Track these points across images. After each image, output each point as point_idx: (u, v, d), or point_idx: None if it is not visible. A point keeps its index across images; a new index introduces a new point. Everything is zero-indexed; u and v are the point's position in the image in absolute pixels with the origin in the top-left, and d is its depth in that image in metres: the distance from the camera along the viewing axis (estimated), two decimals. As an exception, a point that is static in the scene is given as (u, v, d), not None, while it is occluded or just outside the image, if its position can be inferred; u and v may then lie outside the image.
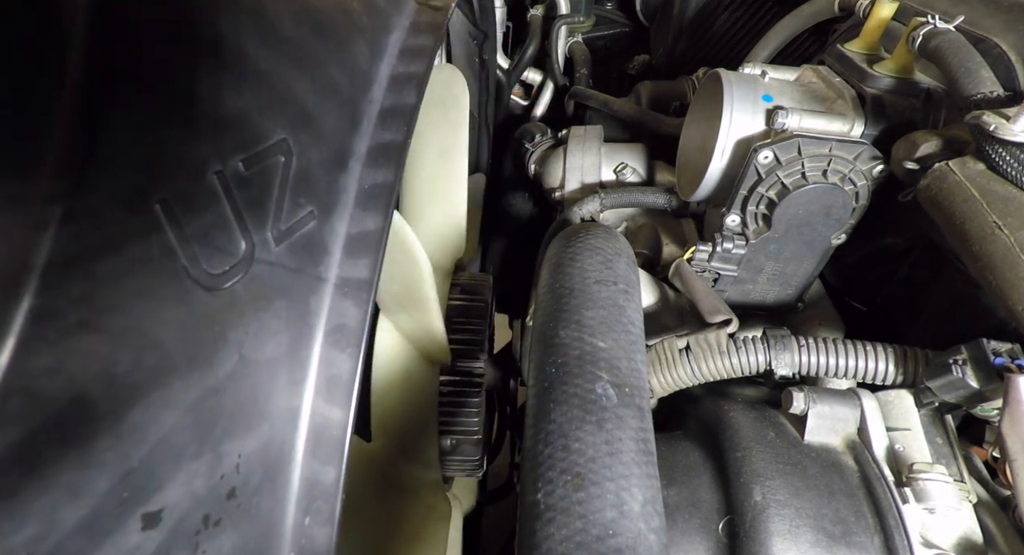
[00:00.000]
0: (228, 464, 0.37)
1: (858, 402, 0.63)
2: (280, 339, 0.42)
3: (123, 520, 0.31)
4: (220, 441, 0.37)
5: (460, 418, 0.72)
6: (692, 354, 0.70)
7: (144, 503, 0.32)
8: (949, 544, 0.55)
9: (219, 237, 0.37)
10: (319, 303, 0.46)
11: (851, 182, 0.70)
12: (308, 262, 0.45)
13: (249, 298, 0.39)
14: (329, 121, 0.48)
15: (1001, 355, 0.55)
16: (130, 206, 0.31)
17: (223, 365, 0.37)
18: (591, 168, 1.07)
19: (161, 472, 0.33)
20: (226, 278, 0.37)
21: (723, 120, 0.72)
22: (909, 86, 0.70)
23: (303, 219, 0.44)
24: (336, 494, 0.44)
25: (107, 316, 0.30)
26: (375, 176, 0.51)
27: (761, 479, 0.58)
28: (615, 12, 1.67)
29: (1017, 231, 0.50)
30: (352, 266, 0.48)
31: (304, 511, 0.43)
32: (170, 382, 0.33)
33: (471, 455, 0.76)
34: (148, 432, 0.32)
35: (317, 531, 0.43)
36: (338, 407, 0.45)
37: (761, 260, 0.79)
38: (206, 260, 0.35)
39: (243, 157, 0.38)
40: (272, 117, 0.41)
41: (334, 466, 0.44)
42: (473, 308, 0.77)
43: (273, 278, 0.42)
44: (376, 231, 0.50)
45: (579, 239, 0.65)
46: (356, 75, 0.52)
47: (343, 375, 0.46)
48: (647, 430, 0.48)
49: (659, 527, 0.42)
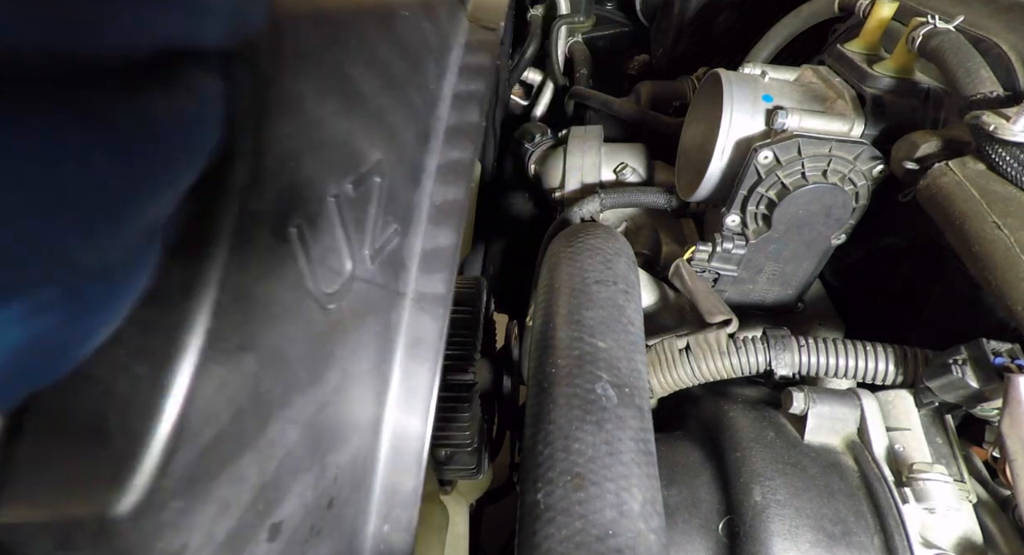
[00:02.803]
0: (329, 476, 0.39)
1: (858, 402, 0.63)
2: (369, 353, 0.44)
3: (256, 531, 0.32)
4: (326, 454, 0.38)
5: (453, 432, 0.72)
6: (692, 354, 0.70)
7: (271, 515, 0.33)
8: (949, 544, 0.55)
9: (333, 258, 0.38)
10: (399, 318, 0.48)
11: (851, 182, 0.69)
12: (392, 278, 0.47)
13: (350, 315, 0.40)
14: (408, 139, 0.49)
15: (1001, 355, 0.55)
16: (275, 231, 0.32)
17: (331, 381, 0.38)
18: (591, 168, 1.07)
19: (285, 485, 0.34)
20: (337, 297, 0.38)
21: (723, 120, 0.72)
22: (909, 86, 0.70)
23: (389, 237, 0.46)
24: (414, 502, 0.45)
25: (257, 336, 0.31)
26: (445, 192, 0.53)
27: (761, 479, 0.58)
28: (615, 12, 1.67)
29: (1017, 231, 0.50)
30: (428, 281, 0.50)
31: (384, 519, 0.44)
32: (295, 398, 0.35)
33: (467, 464, 0.76)
34: (279, 447, 0.33)
35: (395, 538, 0.44)
36: (417, 418, 0.47)
37: (761, 260, 0.79)
38: (323, 280, 0.37)
39: (352, 179, 0.39)
40: (371, 138, 0.42)
41: (412, 475, 0.45)
42: (461, 320, 0.76)
43: (368, 295, 0.43)
44: (449, 246, 0.51)
45: (579, 239, 0.65)
46: (427, 93, 0.53)
47: (420, 387, 0.47)
48: (647, 430, 0.48)
49: (659, 527, 0.42)
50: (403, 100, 0.48)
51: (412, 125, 0.50)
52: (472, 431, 0.73)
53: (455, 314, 0.76)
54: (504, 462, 0.94)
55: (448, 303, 0.50)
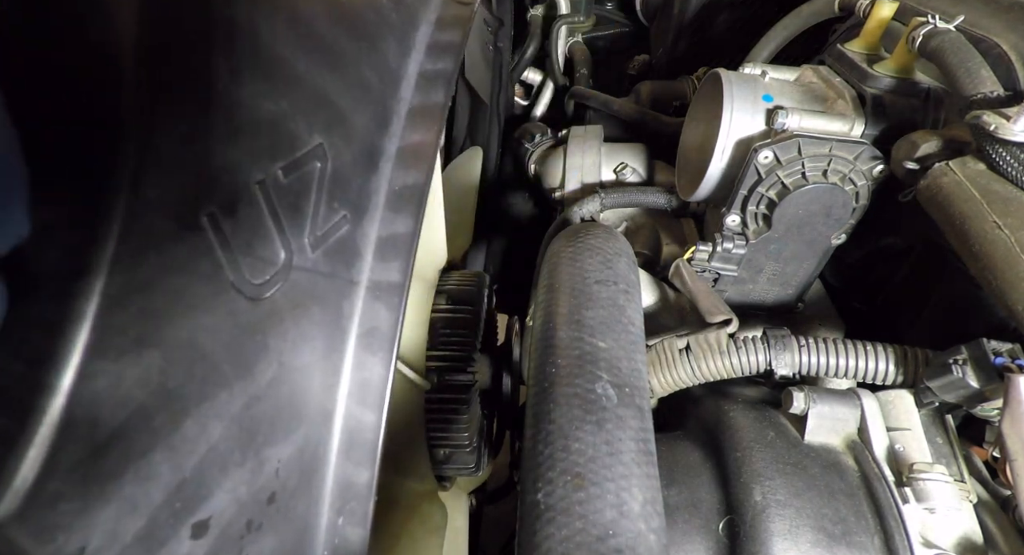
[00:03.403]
0: (269, 470, 0.38)
1: (858, 402, 0.63)
2: (315, 344, 0.43)
3: (176, 529, 0.31)
4: (261, 448, 0.37)
5: (451, 432, 0.72)
6: (692, 354, 0.70)
7: (194, 512, 0.32)
8: (949, 544, 0.55)
9: (261, 247, 0.37)
10: (351, 307, 0.46)
11: (851, 182, 0.69)
12: (341, 267, 0.45)
13: (288, 306, 0.39)
14: (360, 122, 0.47)
15: (1001, 355, 0.55)
16: (181, 219, 0.31)
17: (264, 373, 0.37)
18: (591, 168, 1.07)
19: (210, 481, 0.33)
20: (267, 287, 0.37)
21: (723, 120, 0.72)
22: (909, 86, 0.70)
23: (337, 223, 0.44)
24: (369, 496, 0.44)
25: (161, 330, 0.30)
26: (405, 177, 0.51)
27: (761, 479, 0.58)
28: (615, 12, 1.67)
29: (1017, 231, 0.50)
30: (384, 269, 0.48)
31: (338, 512, 0.43)
32: (217, 392, 0.34)
33: (466, 463, 0.76)
34: (199, 443, 0.32)
35: (350, 531, 0.44)
36: (370, 410, 0.45)
37: (761, 260, 0.79)
38: (249, 270, 0.35)
39: (282, 164, 0.38)
40: (308, 121, 0.40)
41: (367, 468, 0.45)
42: (459, 319, 0.75)
43: (310, 284, 0.42)
44: (407, 234, 0.49)
45: (579, 239, 0.65)
46: (385, 73, 0.51)
47: (375, 378, 0.46)
48: (647, 430, 0.48)
49: (659, 527, 0.42)
50: (353, 81, 0.46)
51: (366, 107, 0.48)
52: (471, 431, 0.73)
53: (454, 313, 0.75)
54: (504, 462, 0.94)
55: (405, 291, 0.48)
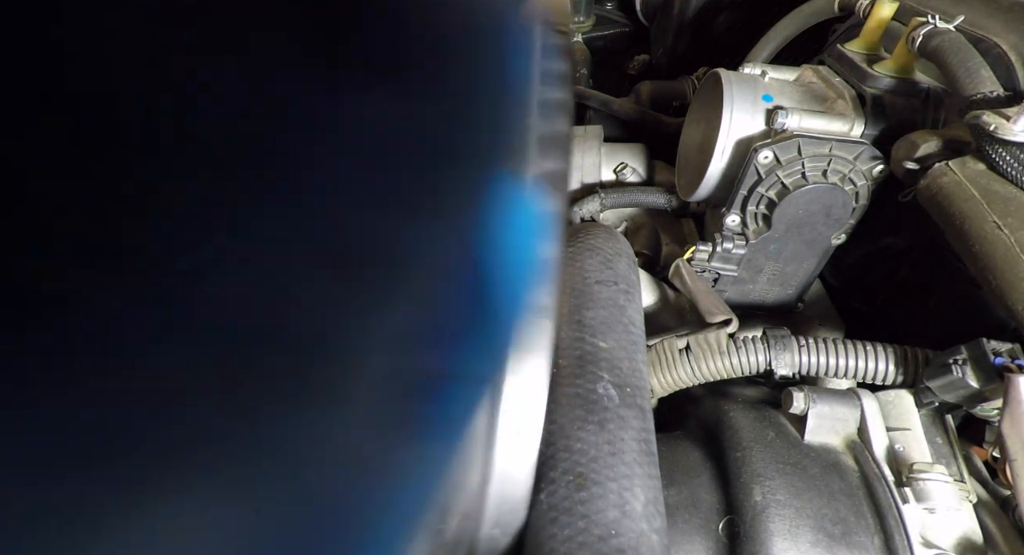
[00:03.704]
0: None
1: (858, 402, 0.63)
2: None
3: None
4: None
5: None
6: (692, 354, 0.70)
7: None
8: (949, 544, 0.55)
9: None
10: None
11: (851, 182, 0.70)
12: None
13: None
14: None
15: (1001, 355, 0.55)
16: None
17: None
18: (591, 168, 1.07)
19: None
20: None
21: (723, 120, 0.72)
22: (909, 86, 0.70)
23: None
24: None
25: None
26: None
27: (761, 479, 0.58)
28: (615, 12, 1.67)
29: (1017, 231, 0.50)
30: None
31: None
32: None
33: None
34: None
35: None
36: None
37: (761, 260, 0.79)
38: None
39: None
40: None
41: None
42: None
43: None
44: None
45: (579, 239, 0.65)
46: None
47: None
48: (649, 430, 0.48)
49: (661, 527, 0.42)
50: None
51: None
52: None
53: None
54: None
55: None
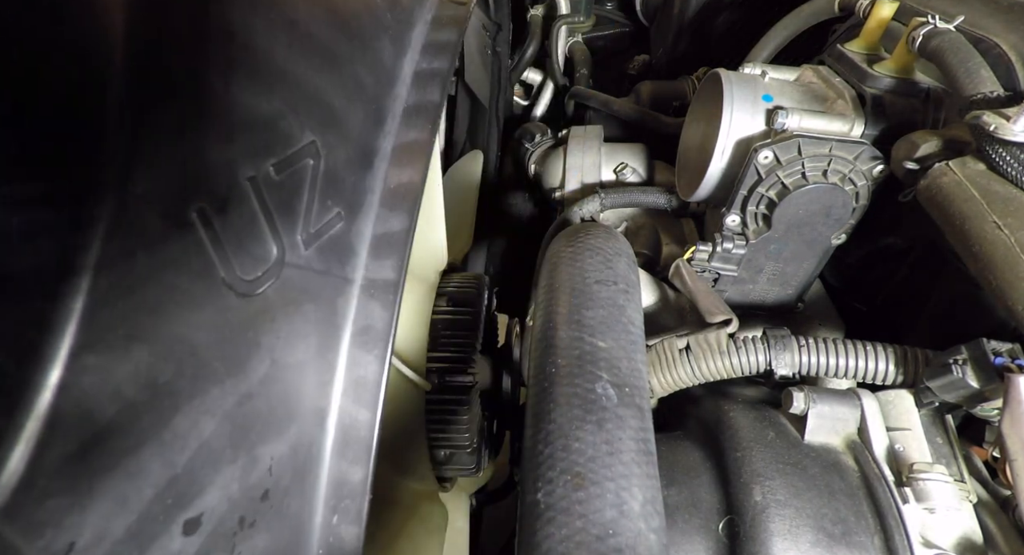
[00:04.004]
0: (262, 467, 0.38)
1: (858, 402, 0.63)
2: (309, 342, 0.43)
3: (167, 526, 0.31)
4: (254, 445, 0.37)
5: (451, 433, 0.72)
6: (692, 354, 0.70)
7: (186, 508, 0.32)
8: (949, 544, 0.55)
9: (252, 243, 0.37)
10: (346, 305, 0.46)
11: (851, 182, 0.69)
12: (335, 264, 0.45)
13: (280, 303, 0.39)
14: (355, 120, 0.47)
15: (1001, 355, 0.55)
16: (170, 214, 0.31)
17: (256, 370, 0.37)
18: (591, 168, 1.07)
19: (201, 477, 0.33)
20: (259, 284, 0.37)
21: (723, 120, 0.72)
22: (909, 86, 0.70)
23: (330, 221, 0.44)
24: (364, 493, 0.44)
25: (151, 327, 0.30)
26: (400, 175, 0.51)
27: (761, 479, 0.58)
28: (615, 12, 1.67)
29: (1017, 231, 0.50)
30: (378, 267, 0.48)
31: (332, 509, 0.43)
32: (209, 388, 0.34)
33: (467, 464, 0.76)
34: (189, 439, 0.32)
35: (345, 529, 0.44)
36: (365, 407, 0.45)
37: (761, 260, 0.79)
38: (240, 266, 0.36)
39: (274, 161, 0.38)
40: (301, 119, 0.41)
41: (361, 466, 0.44)
42: (459, 321, 0.75)
43: (303, 281, 0.42)
44: (402, 231, 0.50)
45: (579, 239, 0.65)
46: (380, 72, 0.51)
47: (369, 376, 0.46)
48: (647, 430, 0.48)
49: (659, 527, 0.42)
50: (347, 80, 0.46)
51: (361, 106, 0.48)
52: (471, 432, 0.73)
53: (454, 315, 0.75)
54: (504, 462, 0.94)
55: (400, 289, 0.48)
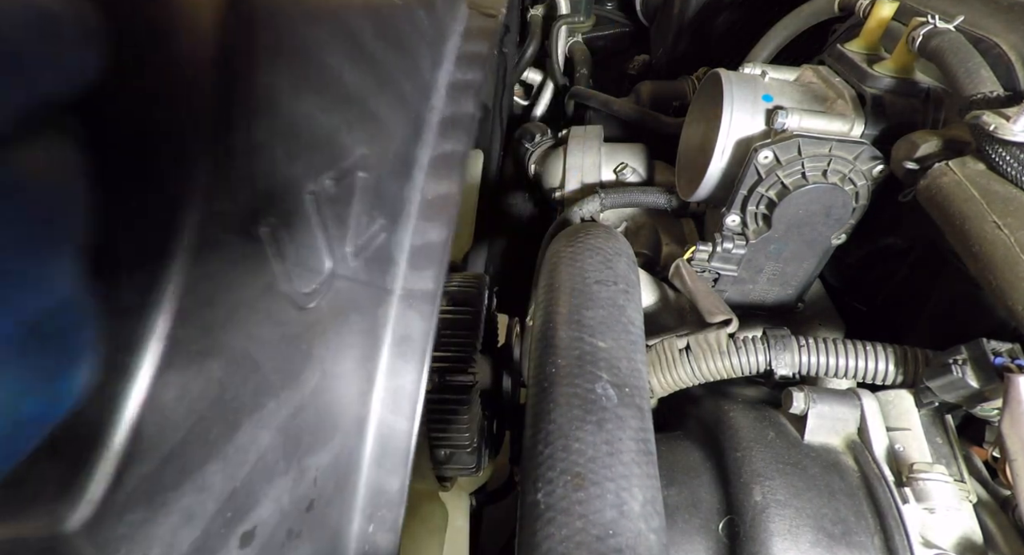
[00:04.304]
0: (308, 478, 0.38)
1: (858, 402, 0.63)
2: (354, 352, 0.43)
3: (226, 539, 0.31)
4: (303, 456, 0.37)
5: (451, 433, 0.72)
6: (692, 354, 0.70)
7: (243, 522, 0.32)
8: (949, 544, 0.55)
9: (309, 256, 0.37)
10: (386, 315, 0.47)
11: (851, 182, 0.69)
12: (378, 275, 0.46)
13: (331, 314, 0.39)
14: (397, 132, 0.48)
15: (1001, 355, 0.55)
16: (244, 232, 0.31)
17: (309, 382, 0.38)
18: (591, 168, 1.07)
19: (257, 490, 0.33)
20: (314, 296, 0.38)
21: (723, 120, 0.72)
22: (909, 86, 0.70)
23: (375, 232, 0.45)
24: (400, 502, 0.44)
25: (222, 341, 0.30)
26: (437, 187, 0.51)
27: (761, 479, 0.58)
28: (615, 12, 1.67)
29: (1017, 231, 0.50)
30: (417, 278, 0.49)
31: (368, 519, 0.44)
32: (267, 402, 0.34)
33: (467, 463, 0.76)
34: (249, 452, 0.32)
35: (380, 538, 0.44)
36: (403, 417, 0.46)
37: (761, 260, 0.79)
38: (298, 279, 0.36)
39: (332, 175, 0.38)
40: (353, 132, 0.41)
41: (398, 475, 0.45)
42: (460, 321, 0.75)
43: (350, 293, 0.42)
44: (439, 242, 0.50)
45: (579, 239, 0.65)
46: (419, 84, 0.52)
47: (407, 386, 0.46)
48: (647, 430, 0.48)
49: (659, 527, 0.42)
50: (392, 91, 0.47)
51: (402, 117, 0.49)
52: (472, 432, 0.73)
53: (455, 314, 0.75)
54: (504, 462, 0.94)
55: (437, 300, 0.49)
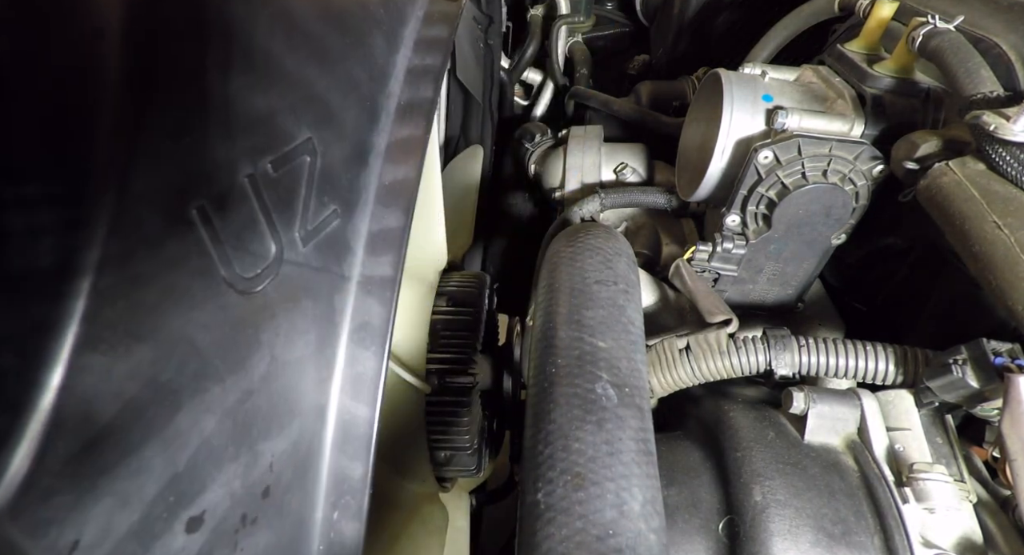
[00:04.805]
0: (263, 464, 0.38)
1: (858, 402, 0.63)
2: (308, 339, 0.43)
3: (170, 524, 0.31)
4: (256, 442, 0.37)
5: (452, 435, 0.72)
6: (692, 354, 0.70)
7: (188, 506, 0.32)
8: (949, 544, 0.55)
9: (251, 240, 0.37)
10: (343, 302, 0.47)
11: (851, 182, 0.69)
12: (332, 261, 0.46)
13: (279, 299, 0.39)
14: (350, 117, 0.47)
15: (1001, 355, 0.55)
16: (170, 213, 0.31)
17: (257, 367, 0.37)
18: (591, 168, 1.07)
19: (203, 475, 0.33)
20: (258, 281, 0.37)
21: (723, 120, 0.72)
22: (909, 86, 0.70)
23: (327, 218, 0.45)
24: (364, 489, 0.44)
25: (152, 325, 0.30)
26: (395, 172, 0.51)
27: (761, 479, 0.58)
28: (615, 12, 1.67)
29: (1017, 231, 0.50)
30: (375, 264, 0.49)
31: (333, 506, 0.44)
32: (210, 386, 0.34)
33: (467, 465, 0.76)
34: (191, 437, 0.32)
35: (345, 525, 0.44)
36: (364, 404, 0.46)
37: (761, 260, 0.79)
38: (239, 264, 0.36)
39: (272, 158, 0.38)
40: (297, 116, 0.41)
41: (361, 462, 0.45)
42: (459, 321, 0.74)
43: (301, 278, 0.42)
44: (398, 228, 0.50)
45: (579, 239, 0.65)
46: (374, 69, 0.51)
47: (368, 373, 0.46)
48: (647, 430, 0.48)
49: (659, 527, 0.42)
50: (341, 76, 0.46)
51: (354, 102, 0.48)
52: (472, 433, 0.73)
53: (454, 315, 0.75)
54: (504, 462, 0.94)
55: (397, 285, 0.48)
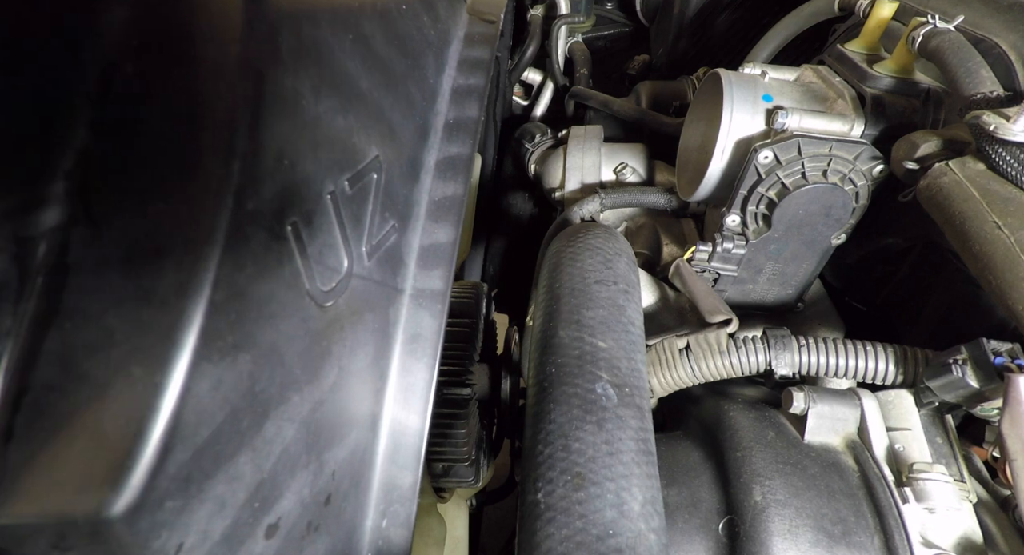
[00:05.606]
0: (327, 472, 0.39)
1: (858, 402, 0.63)
2: (367, 350, 0.44)
3: (253, 529, 0.32)
4: (323, 450, 0.38)
5: (449, 447, 0.72)
6: (692, 354, 0.70)
7: (268, 513, 0.33)
8: (949, 544, 0.55)
9: (330, 255, 0.38)
10: (397, 314, 0.48)
11: (851, 182, 0.69)
12: (389, 275, 0.47)
13: (347, 312, 0.41)
14: (406, 135, 0.50)
15: (1001, 355, 0.55)
16: (272, 229, 0.32)
17: (328, 378, 0.39)
18: (591, 168, 1.07)
19: (281, 482, 0.34)
20: (334, 294, 0.39)
21: (723, 120, 0.72)
22: (909, 86, 0.70)
23: (387, 233, 0.46)
24: (412, 498, 0.46)
25: (252, 336, 0.31)
26: (444, 189, 0.53)
27: (761, 479, 0.58)
28: (615, 12, 1.67)
29: (1017, 231, 0.50)
30: (426, 277, 0.50)
31: (382, 514, 0.45)
32: (291, 396, 0.35)
33: (465, 476, 0.76)
34: (275, 444, 0.33)
35: (394, 532, 0.45)
36: (414, 413, 0.47)
37: (761, 260, 0.79)
38: (320, 278, 0.37)
39: (349, 175, 0.40)
40: (368, 135, 0.43)
41: (411, 471, 0.46)
42: (456, 333, 0.75)
43: (365, 292, 0.43)
44: (448, 243, 0.52)
45: (579, 239, 0.65)
46: (426, 88, 0.54)
47: (419, 383, 0.48)
48: (647, 430, 0.48)
49: (659, 527, 0.42)
50: (402, 95, 0.48)
51: (411, 121, 0.50)
52: (469, 445, 0.73)
53: (451, 326, 0.75)
54: (504, 462, 0.94)
55: (447, 299, 0.50)
